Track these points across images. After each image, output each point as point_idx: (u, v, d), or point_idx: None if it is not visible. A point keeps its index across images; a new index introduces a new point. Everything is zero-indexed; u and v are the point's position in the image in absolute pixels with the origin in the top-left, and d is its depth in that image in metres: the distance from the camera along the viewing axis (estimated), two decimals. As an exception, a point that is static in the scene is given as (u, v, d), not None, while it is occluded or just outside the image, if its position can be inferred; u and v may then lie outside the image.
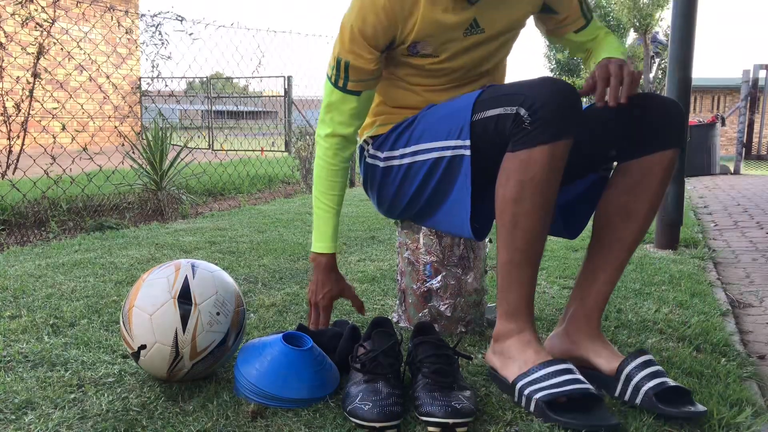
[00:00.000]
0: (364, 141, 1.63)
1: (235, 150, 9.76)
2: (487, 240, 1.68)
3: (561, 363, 1.23)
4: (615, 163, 1.42)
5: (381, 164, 1.56)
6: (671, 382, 1.18)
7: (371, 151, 1.59)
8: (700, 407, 1.15)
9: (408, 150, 1.48)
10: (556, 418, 1.13)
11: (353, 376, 1.25)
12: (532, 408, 1.19)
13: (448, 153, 1.38)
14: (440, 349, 1.26)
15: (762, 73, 7.77)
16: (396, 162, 1.51)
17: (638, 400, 1.19)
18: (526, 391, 1.21)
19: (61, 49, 5.26)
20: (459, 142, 1.36)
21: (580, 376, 1.22)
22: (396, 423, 1.11)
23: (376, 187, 1.60)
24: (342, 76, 1.43)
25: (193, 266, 1.30)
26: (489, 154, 1.31)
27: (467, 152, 1.34)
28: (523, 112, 1.21)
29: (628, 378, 1.22)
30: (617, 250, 1.36)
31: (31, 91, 5.28)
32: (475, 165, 1.35)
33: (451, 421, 1.10)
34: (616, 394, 1.25)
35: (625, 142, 1.34)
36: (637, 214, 1.34)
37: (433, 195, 1.46)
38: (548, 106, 1.19)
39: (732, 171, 8.23)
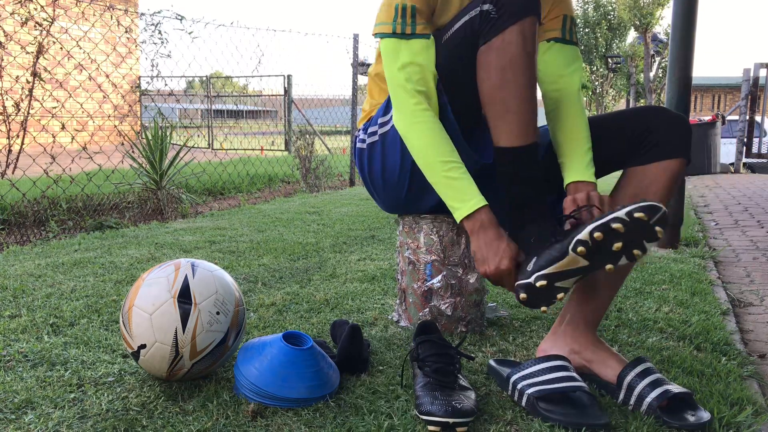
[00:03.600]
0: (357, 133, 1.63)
1: (234, 149, 9.77)
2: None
3: (556, 359, 1.24)
4: None
5: (367, 141, 1.54)
6: (673, 389, 1.18)
7: (360, 136, 1.59)
8: (705, 415, 1.15)
9: (386, 117, 1.47)
10: (548, 415, 1.14)
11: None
12: (523, 402, 1.20)
13: None
14: (442, 348, 1.26)
15: (762, 72, 7.76)
16: (378, 135, 1.50)
17: (642, 410, 1.19)
18: (519, 386, 1.22)
19: (61, 48, 5.26)
20: None
21: (574, 374, 1.22)
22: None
23: (366, 171, 1.59)
24: (409, 21, 1.35)
25: (192, 265, 1.29)
26: (470, 62, 1.30)
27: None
28: (487, 6, 1.25)
29: (630, 387, 1.22)
30: None
31: (30, 91, 5.28)
32: (458, 86, 1.35)
33: (451, 420, 1.09)
34: (619, 401, 1.24)
35: (632, 146, 1.35)
36: None
37: None
38: None
39: (732, 170, 8.23)
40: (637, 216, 1.08)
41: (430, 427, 1.10)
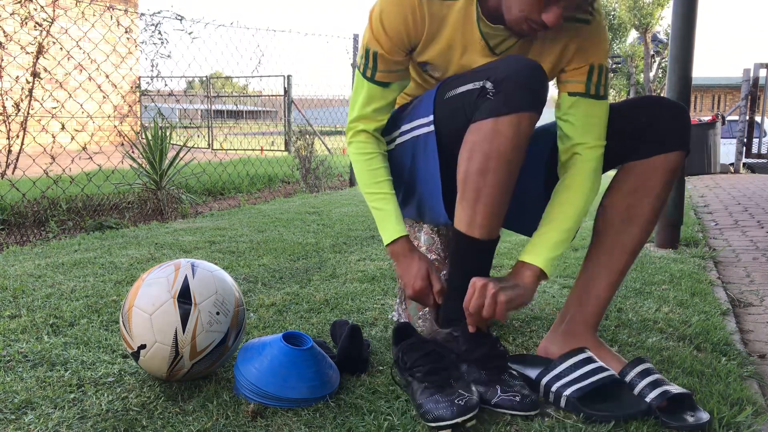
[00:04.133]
0: None
1: (234, 149, 9.76)
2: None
3: (579, 353, 1.25)
4: None
5: None
6: (672, 390, 1.18)
7: None
8: (704, 416, 1.15)
9: (396, 133, 1.47)
10: (592, 412, 1.15)
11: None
12: (562, 404, 1.19)
13: (420, 131, 1.38)
14: (426, 347, 1.26)
15: (762, 72, 7.75)
16: (389, 147, 1.50)
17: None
18: (554, 388, 1.21)
19: (61, 48, 5.26)
20: (425, 120, 1.36)
21: (601, 363, 1.23)
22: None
23: None
24: (370, 66, 1.37)
25: (192, 266, 1.29)
26: (460, 134, 1.28)
27: (431, 128, 1.35)
28: (488, 85, 1.20)
29: (630, 387, 1.22)
30: (618, 254, 1.35)
31: (30, 91, 5.28)
32: (449, 147, 1.33)
33: (460, 419, 1.10)
34: None
35: (630, 143, 1.33)
36: (639, 217, 1.33)
37: (415, 178, 1.44)
38: (513, 77, 1.17)
39: (732, 170, 8.23)
40: None
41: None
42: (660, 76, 17.58)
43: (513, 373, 1.25)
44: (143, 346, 1.23)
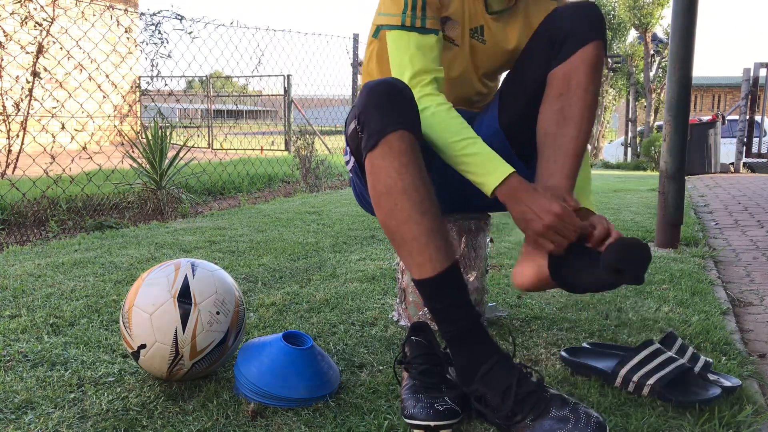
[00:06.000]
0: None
1: (234, 149, 9.76)
2: (488, 240, 1.68)
3: (650, 344, 1.32)
4: None
5: (348, 168, 1.54)
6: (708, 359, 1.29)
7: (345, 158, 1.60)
8: (715, 390, 1.21)
9: (346, 159, 1.49)
10: (678, 398, 1.20)
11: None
12: (645, 392, 1.25)
13: (351, 162, 1.43)
14: (428, 349, 1.26)
15: (762, 72, 7.75)
16: (350, 169, 1.49)
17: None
18: (635, 378, 1.27)
19: (61, 48, 5.26)
20: (348, 151, 1.41)
21: (672, 354, 1.29)
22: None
23: (353, 191, 1.60)
24: (419, 14, 1.32)
25: (192, 265, 1.29)
26: None
27: (353, 160, 1.39)
28: (358, 125, 1.22)
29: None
30: (562, 159, 1.29)
31: (30, 91, 5.28)
32: None
33: (432, 423, 1.09)
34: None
35: (549, 54, 1.34)
36: (572, 117, 1.30)
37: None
38: (365, 112, 1.19)
39: (732, 170, 8.24)
40: None
41: (414, 431, 1.10)
42: (660, 75, 17.54)
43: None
44: (143, 346, 1.23)
